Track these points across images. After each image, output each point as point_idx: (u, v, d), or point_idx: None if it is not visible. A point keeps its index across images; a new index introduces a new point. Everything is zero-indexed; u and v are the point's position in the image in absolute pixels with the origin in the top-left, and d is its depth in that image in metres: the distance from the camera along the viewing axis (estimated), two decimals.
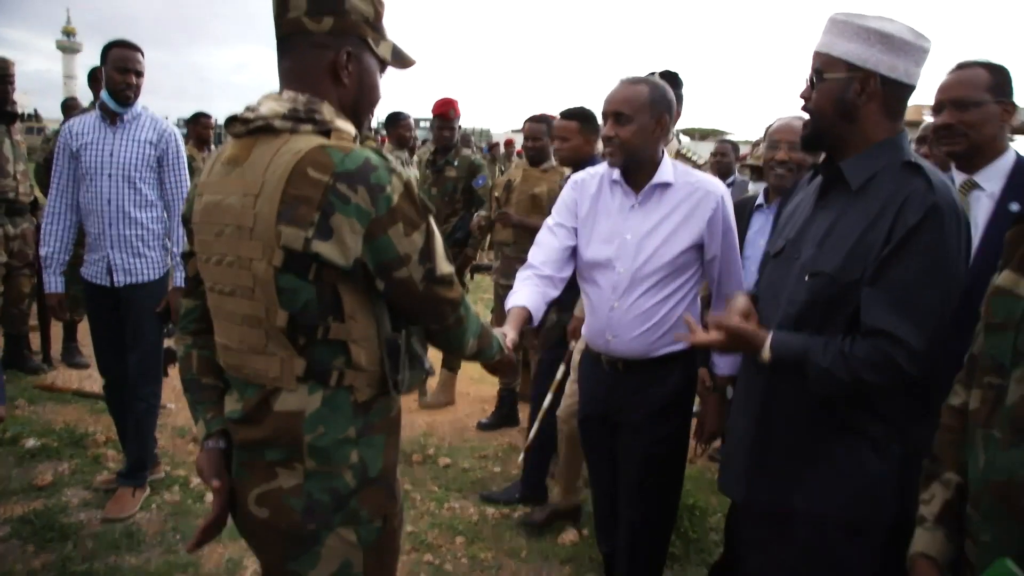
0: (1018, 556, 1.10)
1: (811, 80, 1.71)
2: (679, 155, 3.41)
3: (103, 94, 3.34)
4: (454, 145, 4.98)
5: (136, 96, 3.34)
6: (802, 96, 1.75)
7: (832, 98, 1.67)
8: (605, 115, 2.33)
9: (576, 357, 3.06)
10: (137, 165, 3.32)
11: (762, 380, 1.79)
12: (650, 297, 2.31)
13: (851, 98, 1.65)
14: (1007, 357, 1.20)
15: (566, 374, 3.46)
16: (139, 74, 3.35)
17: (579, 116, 3.64)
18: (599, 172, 2.47)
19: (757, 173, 4.58)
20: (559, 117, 3.75)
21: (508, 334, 2.10)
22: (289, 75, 1.44)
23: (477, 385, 5.50)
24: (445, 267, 1.44)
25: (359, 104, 1.49)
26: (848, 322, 1.63)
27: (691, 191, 2.32)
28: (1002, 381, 1.21)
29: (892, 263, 1.56)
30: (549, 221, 2.52)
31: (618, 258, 2.35)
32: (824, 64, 1.68)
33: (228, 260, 1.37)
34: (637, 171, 2.34)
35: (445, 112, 4.83)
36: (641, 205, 2.35)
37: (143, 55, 3.40)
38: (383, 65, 1.52)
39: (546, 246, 2.45)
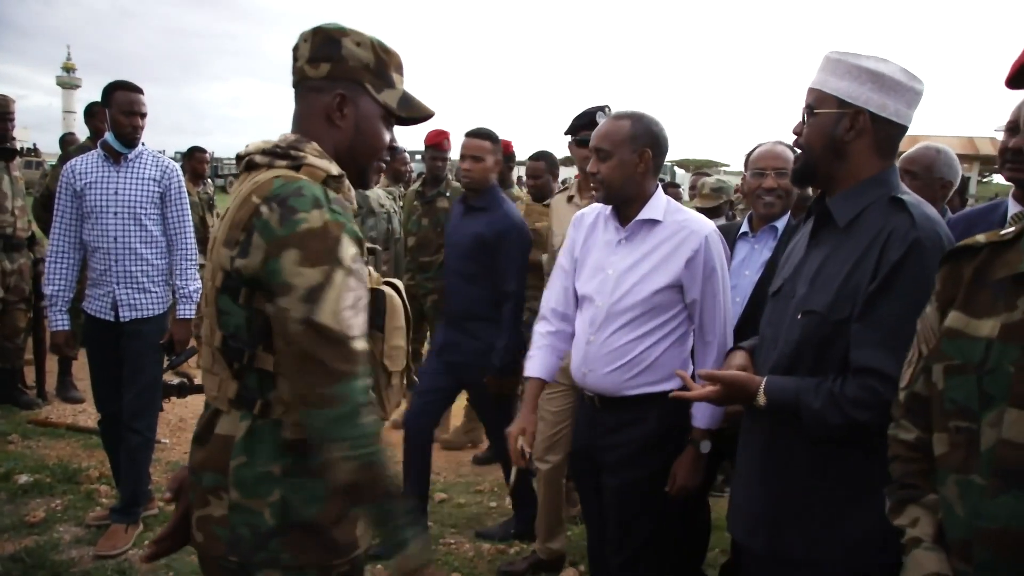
0: None
1: (804, 115, 1.74)
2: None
3: (108, 136, 3.41)
4: (445, 176, 5.02)
5: (140, 137, 3.44)
6: (795, 131, 1.78)
7: (822, 133, 1.69)
8: (592, 150, 2.36)
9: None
10: (142, 202, 3.39)
11: (763, 426, 1.79)
12: (625, 334, 2.30)
13: (840, 134, 1.67)
14: (974, 401, 1.18)
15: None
16: (143, 116, 3.44)
17: (544, 157, 4.44)
18: (598, 207, 2.49)
19: None
20: (528, 159, 4.38)
21: (525, 414, 2.46)
22: (294, 120, 1.51)
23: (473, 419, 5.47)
24: (339, 325, 1.27)
25: (356, 149, 1.51)
26: (842, 361, 1.63)
27: (677, 229, 2.30)
28: (971, 424, 1.18)
29: (877, 300, 1.57)
30: (560, 258, 2.59)
31: (598, 292, 2.36)
32: (816, 100, 1.71)
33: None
34: (626, 206, 2.35)
35: (439, 142, 4.84)
36: (628, 240, 2.35)
37: (143, 95, 3.47)
38: (389, 114, 1.53)
39: (555, 288, 2.58)
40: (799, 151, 1.79)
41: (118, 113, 3.36)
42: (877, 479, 1.58)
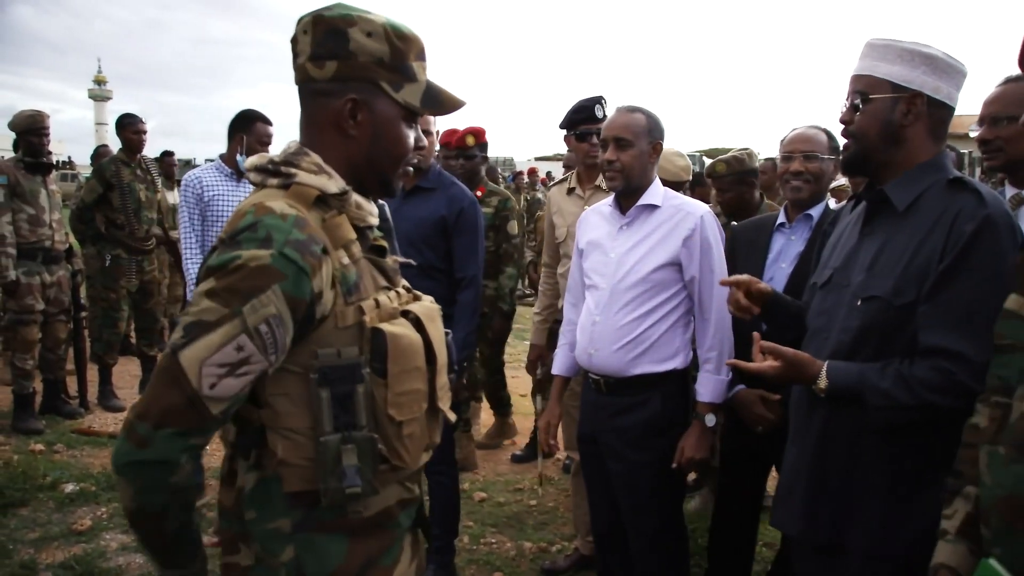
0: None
1: (853, 103, 1.70)
2: None
3: (240, 159, 3.86)
4: (480, 177, 4.91)
5: None
6: (842, 120, 1.73)
7: (879, 119, 1.66)
8: (605, 141, 2.45)
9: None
10: None
11: (820, 414, 1.74)
12: (628, 312, 2.40)
13: (898, 119, 1.64)
14: (1014, 378, 1.20)
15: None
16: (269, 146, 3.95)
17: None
18: (599, 207, 2.65)
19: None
20: None
21: (551, 407, 2.65)
22: (300, 127, 1.34)
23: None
24: (195, 377, 1.09)
25: (376, 159, 1.32)
26: (905, 348, 1.59)
27: (674, 212, 2.44)
28: (1008, 400, 1.21)
29: (948, 279, 1.54)
30: (572, 256, 2.73)
31: (602, 276, 2.48)
32: (868, 86, 1.67)
33: None
34: (630, 194, 2.47)
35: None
36: (628, 226, 2.48)
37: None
38: (410, 113, 1.33)
39: (573, 283, 2.74)
40: (848, 140, 1.74)
41: (255, 143, 3.80)
42: (937, 474, 1.54)
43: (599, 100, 3.21)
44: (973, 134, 2.24)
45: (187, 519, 1.22)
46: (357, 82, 1.27)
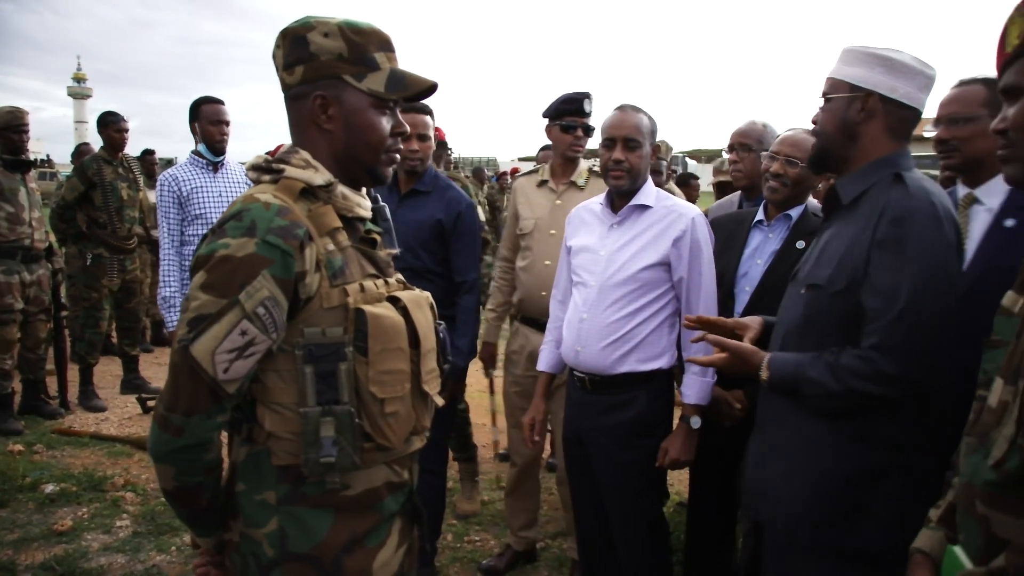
0: (979, 556, 1.15)
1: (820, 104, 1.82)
2: (591, 171, 3.25)
3: (200, 147, 3.84)
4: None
5: (227, 143, 3.89)
6: (813, 120, 1.85)
7: (835, 117, 1.77)
8: (612, 140, 2.45)
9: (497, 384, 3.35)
10: None
11: (782, 404, 1.80)
12: (616, 310, 2.42)
13: (852, 116, 1.75)
14: (995, 372, 1.23)
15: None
16: (227, 124, 3.91)
17: None
18: (589, 205, 2.66)
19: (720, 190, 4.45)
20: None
21: (536, 404, 2.67)
22: (290, 131, 1.45)
23: (488, 416, 5.46)
24: (209, 365, 1.21)
25: (354, 149, 1.41)
26: (845, 336, 1.66)
27: (666, 213, 2.46)
28: (987, 393, 1.25)
29: (872, 270, 1.62)
30: (562, 253, 2.72)
31: (591, 273, 2.49)
32: (830, 87, 1.79)
33: None
34: (626, 194, 2.48)
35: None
36: (619, 225, 2.50)
37: (225, 105, 3.96)
38: (380, 100, 1.40)
39: (561, 280, 2.75)
40: (814, 137, 1.86)
41: (207, 124, 3.76)
42: (875, 466, 1.65)
43: (588, 95, 3.17)
44: (929, 134, 2.29)
45: (217, 490, 1.36)
46: (323, 80, 1.37)
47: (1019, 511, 1.08)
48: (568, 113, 3.15)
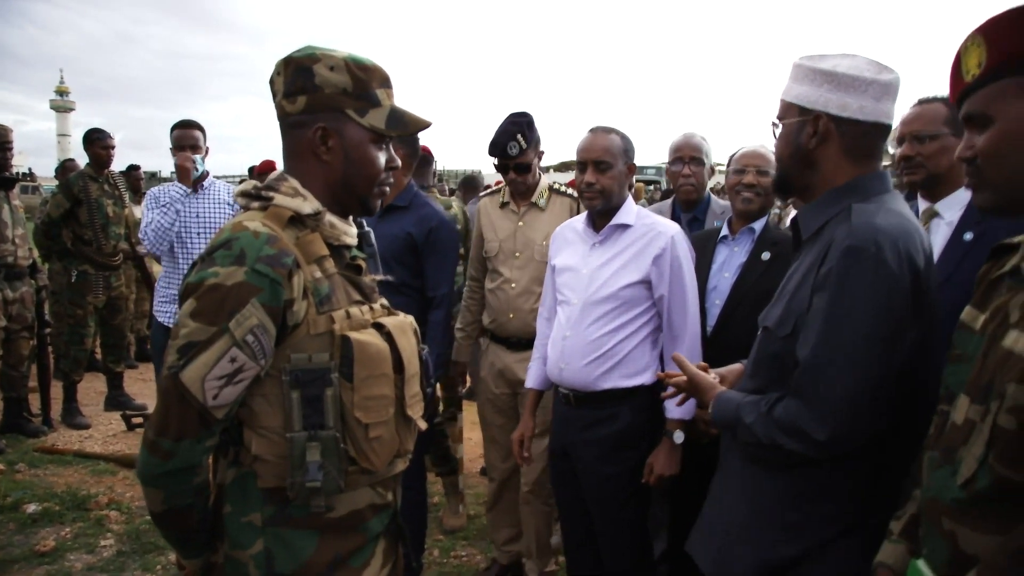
0: (944, 571, 1.16)
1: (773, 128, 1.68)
2: (551, 189, 3.25)
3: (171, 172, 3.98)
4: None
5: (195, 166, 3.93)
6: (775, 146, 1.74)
7: (789, 144, 1.61)
8: (583, 163, 2.50)
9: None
10: (221, 223, 3.82)
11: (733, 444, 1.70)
12: (599, 327, 2.45)
13: (804, 142, 1.57)
14: (960, 388, 1.21)
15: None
16: (195, 147, 3.95)
17: None
18: (573, 223, 2.69)
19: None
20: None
21: (525, 420, 2.69)
22: (283, 157, 1.47)
23: (480, 430, 5.46)
24: (199, 392, 1.24)
25: (351, 181, 1.43)
26: (790, 381, 1.52)
27: (646, 231, 2.50)
28: (949, 408, 1.24)
29: (809, 317, 1.48)
30: (547, 271, 2.76)
31: (574, 291, 2.53)
32: (781, 111, 1.64)
33: None
34: (605, 213, 2.52)
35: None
36: (601, 244, 2.54)
37: (202, 131, 4.01)
38: (378, 136, 1.44)
39: (547, 298, 2.78)
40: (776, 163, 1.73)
41: (174, 148, 3.87)
42: (859, 516, 1.51)
43: (514, 135, 3.06)
44: (892, 150, 2.33)
45: (206, 512, 1.38)
46: (325, 112, 1.40)
47: (987, 528, 1.10)
48: (494, 155, 3.13)
